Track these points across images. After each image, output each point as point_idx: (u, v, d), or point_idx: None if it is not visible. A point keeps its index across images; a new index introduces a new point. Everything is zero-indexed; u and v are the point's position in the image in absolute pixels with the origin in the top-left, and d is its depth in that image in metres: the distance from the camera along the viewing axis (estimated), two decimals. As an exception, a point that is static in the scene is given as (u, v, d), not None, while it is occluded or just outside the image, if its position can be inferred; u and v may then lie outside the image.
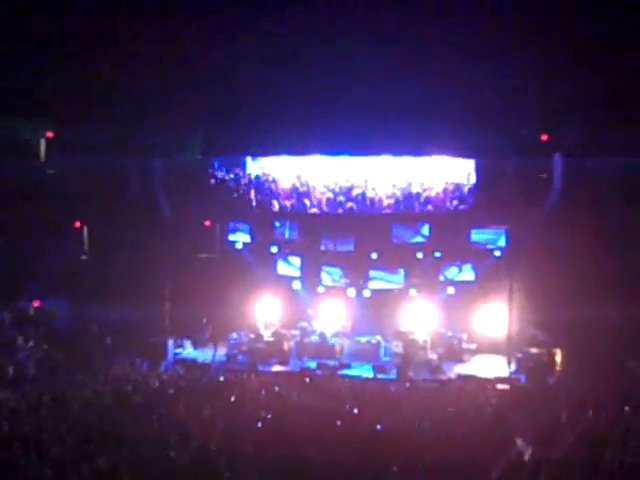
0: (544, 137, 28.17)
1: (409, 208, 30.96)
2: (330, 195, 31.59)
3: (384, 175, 31.73)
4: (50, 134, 30.41)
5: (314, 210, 31.50)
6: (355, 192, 31.56)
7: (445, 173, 31.42)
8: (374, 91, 27.57)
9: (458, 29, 26.41)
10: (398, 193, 31.27)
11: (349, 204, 31.29)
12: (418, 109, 27.42)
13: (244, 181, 32.40)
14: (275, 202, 31.65)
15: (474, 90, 27.32)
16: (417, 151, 30.05)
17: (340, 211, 31.28)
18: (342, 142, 29.44)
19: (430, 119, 27.80)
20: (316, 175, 32.18)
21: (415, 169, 31.54)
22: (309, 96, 27.93)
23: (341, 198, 31.50)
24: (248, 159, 32.88)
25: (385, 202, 31.19)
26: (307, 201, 31.59)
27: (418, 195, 31.09)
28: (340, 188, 31.78)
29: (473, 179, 31.16)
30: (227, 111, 28.80)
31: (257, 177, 32.57)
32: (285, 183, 32.30)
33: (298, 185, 32.15)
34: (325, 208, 31.46)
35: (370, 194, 31.37)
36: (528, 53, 26.45)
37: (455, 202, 30.69)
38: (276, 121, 28.46)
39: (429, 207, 30.78)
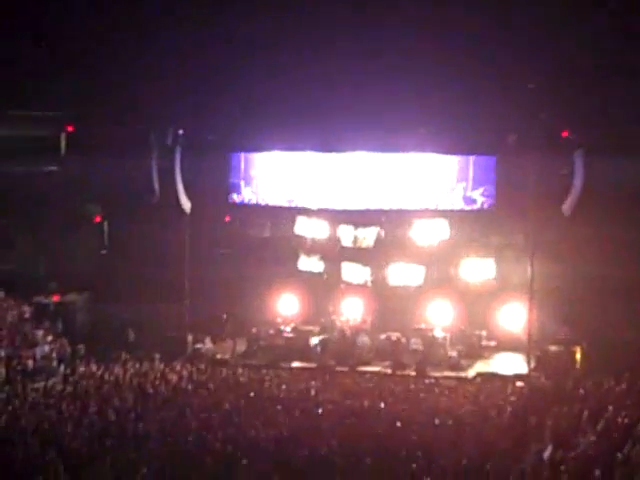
0: (565, 134, 28.03)
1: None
2: None
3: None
4: (71, 128, 30.38)
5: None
6: None
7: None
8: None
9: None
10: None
11: None
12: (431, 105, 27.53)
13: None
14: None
15: (491, 86, 27.36)
16: (428, 148, 30.05)
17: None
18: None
19: (443, 116, 27.88)
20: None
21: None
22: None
23: None
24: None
25: None
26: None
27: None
28: None
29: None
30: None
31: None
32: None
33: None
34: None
35: None
36: (550, 46, 26.41)
37: None
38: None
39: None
